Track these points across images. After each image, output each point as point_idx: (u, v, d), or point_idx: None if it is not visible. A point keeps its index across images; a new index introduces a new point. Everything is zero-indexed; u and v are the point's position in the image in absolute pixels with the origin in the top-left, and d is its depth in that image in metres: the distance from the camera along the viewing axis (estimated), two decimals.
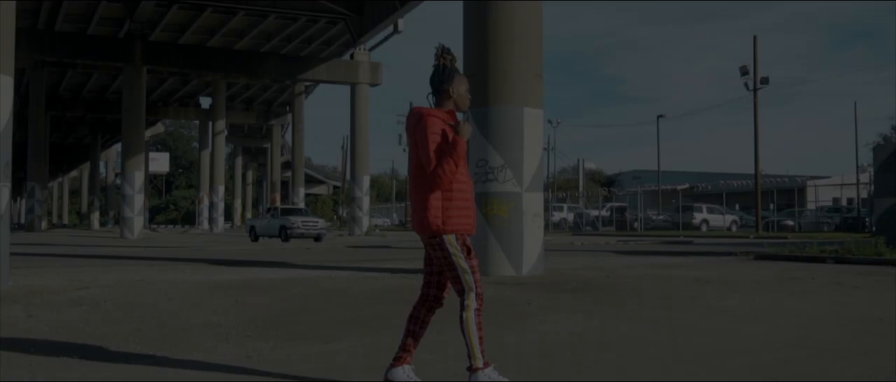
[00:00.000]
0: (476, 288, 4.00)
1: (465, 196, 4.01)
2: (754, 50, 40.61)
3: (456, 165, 3.91)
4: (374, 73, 41.21)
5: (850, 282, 10.28)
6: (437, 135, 3.93)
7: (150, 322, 6.64)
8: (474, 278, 4.00)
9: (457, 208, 3.98)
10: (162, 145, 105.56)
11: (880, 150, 16.16)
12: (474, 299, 4.00)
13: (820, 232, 37.90)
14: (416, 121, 4.03)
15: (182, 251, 21.52)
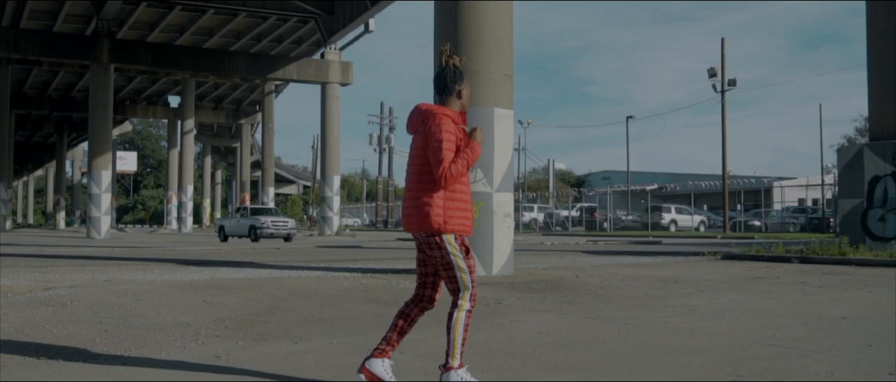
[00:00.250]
0: (471, 289, 4.02)
1: (465, 197, 4.02)
2: (722, 52, 41.08)
3: (468, 168, 3.93)
4: (345, 73, 41.09)
5: (815, 282, 10.45)
6: (450, 133, 3.93)
7: (117, 323, 6.58)
8: (471, 278, 4.02)
9: (458, 209, 3.99)
10: (130, 144, 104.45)
11: (844, 152, 16.44)
12: (468, 299, 4.02)
13: (786, 233, 38.46)
14: (425, 118, 4.01)
15: (150, 251, 21.32)
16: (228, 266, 13.88)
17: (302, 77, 41.80)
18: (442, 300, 4.20)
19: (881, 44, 15.69)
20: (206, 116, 62.25)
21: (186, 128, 53.63)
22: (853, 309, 7.49)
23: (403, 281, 10.54)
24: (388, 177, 66.16)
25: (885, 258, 13.65)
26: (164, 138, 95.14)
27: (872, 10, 15.99)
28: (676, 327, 6.41)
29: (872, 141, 15.83)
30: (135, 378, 4.49)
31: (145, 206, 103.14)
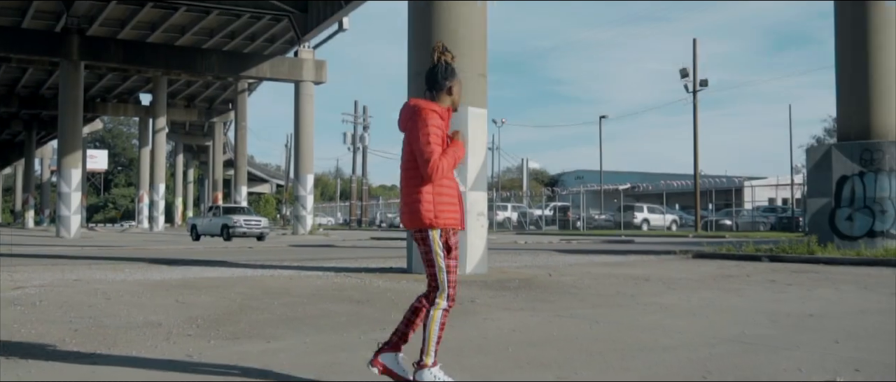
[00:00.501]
0: (448, 289, 4.03)
1: (452, 192, 4.04)
2: (694, 52, 41.44)
3: (455, 164, 3.98)
4: (319, 71, 40.94)
5: (784, 280, 10.59)
6: (437, 128, 3.95)
7: (87, 322, 6.52)
8: (449, 279, 4.02)
9: (447, 203, 4.01)
10: (100, 142, 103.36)
11: (813, 152, 16.65)
12: (445, 299, 4.03)
13: (756, 232, 38.89)
14: (412, 114, 4.03)
15: (121, 250, 21.11)
16: (200, 265, 13.79)
17: (275, 75, 41.59)
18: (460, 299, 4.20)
19: (848, 45, 15.91)
20: (178, 114, 61.76)
21: (158, 126, 53.17)
22: (821, 307, 7.60)
23: (377, 279, 10.54)
24: (361, 176, 65.98)
25: (852, 256, 13.87)
26: (135, 136, 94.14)
27: (840, 12, 16.21)
28: (648, 325, 6.47)
29: (840, 141, 16.05)
30: (105, 377, 4.45)
31: (116, 205, 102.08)
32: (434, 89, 4.11)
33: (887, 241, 14.76)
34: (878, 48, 15.58)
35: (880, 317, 6.86)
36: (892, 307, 7.65)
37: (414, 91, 11.78)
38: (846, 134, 15.96)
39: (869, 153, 15.17)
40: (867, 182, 15.10)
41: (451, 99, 4.12)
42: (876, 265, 12.94)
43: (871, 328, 6.23)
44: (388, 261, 14.70)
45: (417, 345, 4.03)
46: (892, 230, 14.89)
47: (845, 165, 15.36)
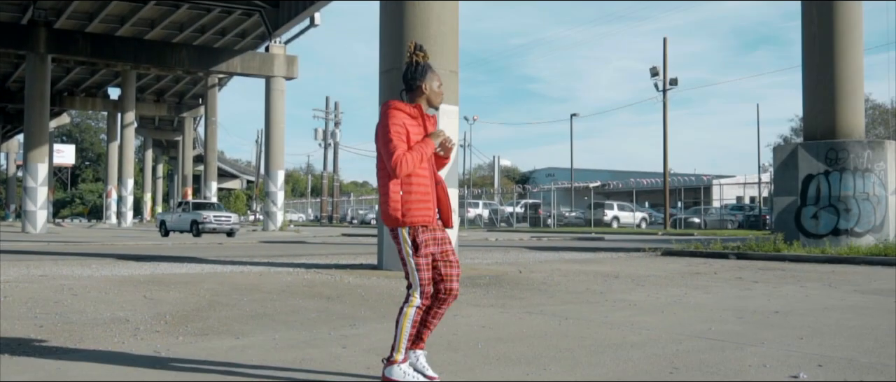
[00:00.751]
0: (422, 287, 4.01)
1: (423, 187, 4.02)
2: (664, 52, 41.78)
3: (419, 162, 3.95)
4: (290, 67, 40.70)
5: (750, 277, 10.73)
6: (398, 127, 3.96)
7: (53, 319, 6.44)
8: (420, 276, 4.00)
9: (417, 200, 3.99)
10: (67, 137, 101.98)
11: (780, 151, 16.88)
12: (419, 297, 4.02)
13: (724, 230, 39.31)
14: (380, 114, 4.08)
15: (88, 246, 20.86)
16: (169, 261, 13.67)
17: (246, 70, 41.28)
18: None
19: (815, 46, 16.14)
20: (147, 109, 61.11)
21: (127, 120, 52.60)
22: (786, 304, 7.71)
23: (347, 276, 10.52)
24: (333, 173, 65.75)
25: (817, 254, 14.08)
26: (103, 131, 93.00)
27: (807, 13, 16.43)
28: (616, 321, 6.52)
29: (806, 140, 16.28)
30: (70, 373, 4.41)
31: (84, 200, 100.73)
32: (408, 90, 4.14)
33: (852, 239, 15.01)
34: (844, 49, 15.83)
35: (844, 314, 6.98)
36: (855, 304, 7.78)
37: (384, 87, 11.77)
38: (812, 133, 16.20)
39: (834, 152, 15.41)
40: (832, 181, 15.34)
41: (424, 97, 4.13)
42: (840, 263, 13.15)
43: (835, 324, 6.33)
44: (359, 258, 14.67)
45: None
46: (856, 228, 15.14)
47: (811, 164, 15.58)
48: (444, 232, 4.14)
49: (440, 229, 4.12)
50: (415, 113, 4.08)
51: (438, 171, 4.18)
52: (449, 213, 4.18)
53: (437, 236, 4.07)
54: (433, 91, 4.13)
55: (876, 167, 15.27)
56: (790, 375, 4.38)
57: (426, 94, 4.12)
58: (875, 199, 15.22)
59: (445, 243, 4.11)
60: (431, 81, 4.13)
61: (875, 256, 13.33)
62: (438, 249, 4.07)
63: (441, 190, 4.16)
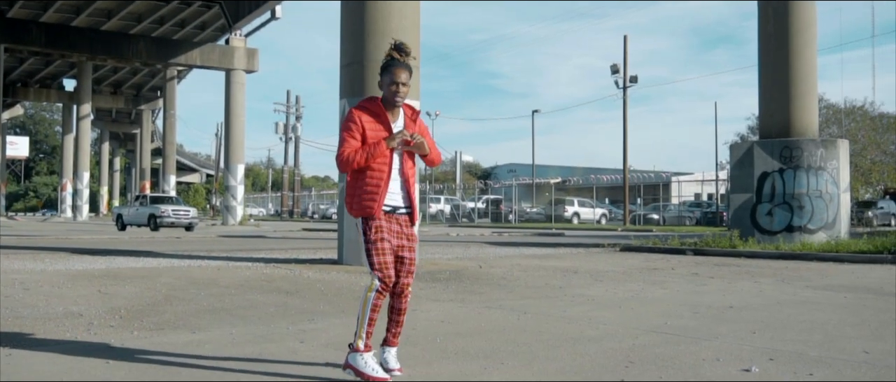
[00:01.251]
0: (376, 271, 4.07)
1: (374, 181, 4.10)
2: (624, 49, 42.14)
3: (365, 160, 4.06)
4: (251, 60, 40.33)
5: (707, 273, 10.88)
6: (352, 125, 4.11)
7: (3, 313, 6.32)
8: (372, 262, 4.07)
9: (364, 192, 4.12)
10: (21, 128, 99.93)
11: (736, 149, 17.14)
12: (376, 281, 4.07)
13: (682, 226, 39.82)
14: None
15: (42, 239, 20.48)
16: (125, 255, 13.48)
17: (205, 63, 40.81)
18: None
19: (771, 45, 16.41)
20: (104, 101, 60.11)
21: (83, 112, 51.68)
22: (740, 299, 7.84)
23: (307, 271, 10.46)
24: (294, 167, 65.30)
25: (771, 250, 14.33)
26: (58, 123, 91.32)
27: (763, 12, 16.69)
28: (574, 316, 6.57)
29: (762, 139, 16.55)
30: (20, 367, 4.32)
31: (38, 194, 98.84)
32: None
33: (805, 236, 15.30)
34: (799, 49, 16.11)
35: (796, 309, 7.11)
36: (807, 299, 7.93)
37: (345, 81, 11.70)
38: (768, 131, 16.46)
39: (788, 150, 15.68)
40: (787, 178, 15.61)
41: (382, 93, 4.22)
42: (794, 259, 13.40)
43: (787, 319, 6.45)
44: (319, 253, 14.60)
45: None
46: (809, 225, 15.43)
47: (766, 162, 15.84)
48: (405, 228, 4.20)
49: (403, 224, 4.19)
50: (377, 110, 4.18)
51: (432, 166, 4.38)
52: (409, 201, 4.25)
53: (393, 228, 4.15)
54: (385, 87, 4.19)
55: (829, 165, 15.57)
56: (742, 368, 4.46)
57: (383, 90, 4.20)
58: (828, 197, 15.53)
59: (402, 238, 4.18)
60: (384, 78, 4.19)
61: (827, 253, 13.60)
62: (395, 242, 4.14)
63: (409, 185, 4.23)
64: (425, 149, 4.18)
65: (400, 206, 4.20)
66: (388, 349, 4.27)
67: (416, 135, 4.16)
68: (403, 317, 4.29)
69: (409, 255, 4.20)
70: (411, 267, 4.23)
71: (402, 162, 4.20)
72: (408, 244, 4.19)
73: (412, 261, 4.22)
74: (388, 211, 4.17)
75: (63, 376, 4.16)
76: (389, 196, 4.15)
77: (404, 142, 4.13)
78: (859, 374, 4.37)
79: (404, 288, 4.23)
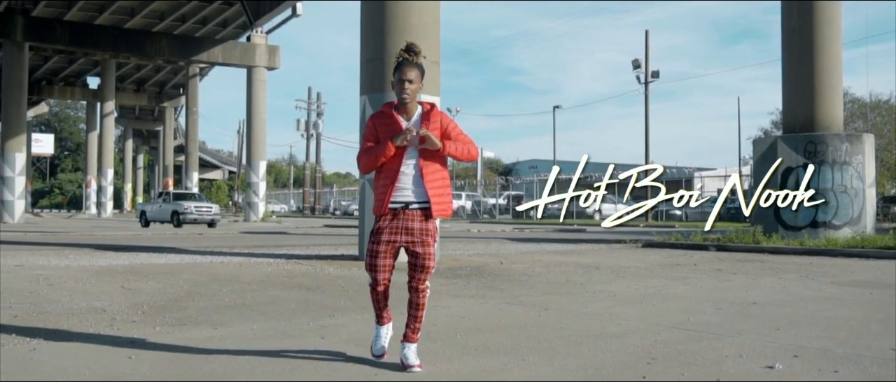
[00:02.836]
0: (367, 271, 4.29)
1: (384, 181, 4.23)
2: (646, 44, 41.88)
3: (370, 162, 4.23)
4: (272, 57, 40.44)
5: (729, 269, 10.79)
6: (367, 130, 4.32)
7: (28, 309, 6.38)
8: (368, 261, 4.27)
9: (376, 192, 4.27)
10: (46, 126, 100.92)
11: (759, 143, 16.96)
12: (369, 279, 4.33)
13: (704, 222, 39.51)
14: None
15: (67, 236, 20.68)
16: (148, 251, 13.58)
17: (227, 60, 40.97)
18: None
19: (794, 40, 16.23)
20: (127, 98, 60.52)
21: (106, 110, 52.11)
22: (764, 295, 7.76)
23: (328, 267, 10.49)
24: (315, 163, 65.51)
25: (795, 246, 14.19)
26: (82, 120, 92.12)
27: (786, 8, 16.51)
28: (595, 312, 6.54)
29: (786, 133, 16.38)
30: (43, 362, 4.36)
31: (63, 190, 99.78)
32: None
33: (829, 232, 15.13)
34: (823, 43, 15.92)
35: (820, 305, 7.03)
36: (832, 295, 7.84)
37: (366, 78, 11.71)
38: (791, 126, 16.30)
39: (813, 145, 15.51)
40: (811, 173, 15.42)
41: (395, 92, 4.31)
42: (818, 254, 13.25)
43: (811, 315, 6.38)
44: (340, 249, 14.64)
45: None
46: (834, 220, 15.26)
47: (790, 157, 15.67)
48: (417, 223, 4.22)
49: (412, 219, 4.22)
50: (387, 112, 4.31)
51: (463, 160, 4.38)
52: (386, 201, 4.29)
53: (399, 226, 4.22)
54: (396, 85, 4.27)
55: (854, 160, 15.39)
56: (766, 365, 4.41)
57: (394, 90, 4.29)
58: (853, 192, 15.34)
59: (412, 234, 4.22)
60: (395, 76, 4.28)
61: (852, 248, 13.44)
62: (402, 239, 4.22)
63: (426, 182, 4.24)
64: (434, 144, 4.17)
65: (412, 202, 4.22)
66: (407, 345, 4.28)
67: (422, 130, 4.17)
68: (421, 312, 4.31)
69: (420, 250, 4.22)
70: (424, 262, 4.24)
71: (418, 158, 4.22)
72: (416, 239, 4.21)
73: (424, 256, 4.23)
74: (399, 208, 4.22)
75: (86, 370, 4.19)
76: (399, 193, 4.21)
77: (410, 138, 4.15)
78: (886, 372, 4.31)
79: (418, 283, 4.26)
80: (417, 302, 4.29)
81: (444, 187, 4.28)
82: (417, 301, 4.29)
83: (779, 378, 4.16)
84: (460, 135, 4.31)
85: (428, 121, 4.26)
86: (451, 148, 4.24)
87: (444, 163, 4.32)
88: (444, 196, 4.27)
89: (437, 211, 4.24)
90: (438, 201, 4.24)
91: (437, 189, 4.25)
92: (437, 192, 4.24)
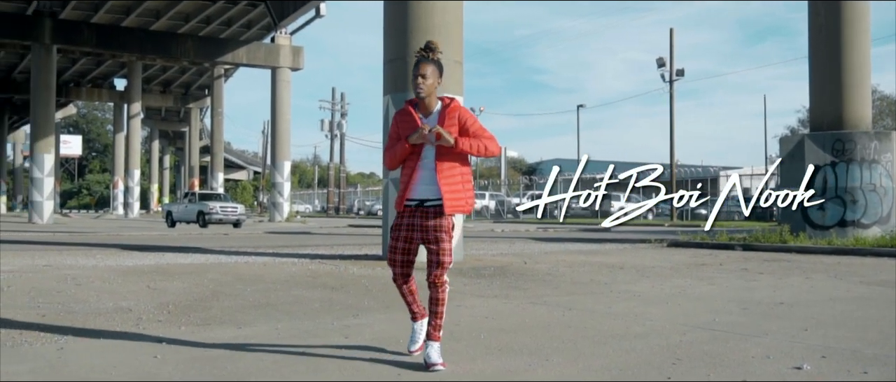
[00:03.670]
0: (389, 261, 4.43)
1: (403, 179, 4.34)
2: (671, 42, 41.60)
3: (392, 161, 4.37)
4: (296, 57, 40.64)
5: (756, 268, 10.68)
6: (392, 128, 4.42)
7: (56, 308, 6.45)
8: (389, 257, 4.41)
9: (399, 189, 4.37)
10: (74, 127, 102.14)
11: (786, 142, 16.78)
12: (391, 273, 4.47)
13: (730, 221, 39.18)
14: None
15: (94, 236, 20.90)
16: (174, 251, 13.69)
17: (252, 61, 41.24)
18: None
19: (821, 38, 16.03)
20: (153, 100, 61.08)
21: (133, 111, 52.61)
22: (791, 295, 7.67)
23: (352, 266, 10.51)
24: (339, 164, 65.73)
25: (823, 245, 14.01)
26: (109, 122, 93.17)
27: (813, 5, 16.31)
28: (620, 312, 6.49)
29: (813, 131, 16.19)
30: (70, 361, 4.40)
31: (91, 191, 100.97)
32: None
33: (858, 231, 14.93)
34: (851, 40, 15.71)
35: (849, 305, 6.94)
36: (861, 295, 7.74)
37: (388, 77, 11.72)
38: (819, 124, 16.10)
39: (841, 143, 15.32)
40: (839, 172, 15.25)
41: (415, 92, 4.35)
42: (846, 254, 13.09)
43: (840, 316, 6.30)
44: (364, 249, 14.67)
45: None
46: (862, 219, 15.06)
47: (818, 155, 15.49)
48: (431, 220, 4.27)
49: (427, 216, 4.28)
50: (406, 110, 4.38)
51: (482, 156, 4.36)
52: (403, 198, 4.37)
53: (415, 223, 4.30)
54: (412, 81, 4.34)
55: (883, 158, 15.18)
56: (794, 366, 4.35)
57: (415, 89, 4.33)
58: (882, 191, 15.13)
59: (427, 231, 4.28)
60: (412, 73, 4.33)
61: (882, 248, 13.25)
62: (421, 235, 4.31)
63: (439, 178, 4.26)
64: (447, 141, 4.20)
65: (427, 199, 4.28)
66: (431, 344, 4.30)
67: (436, 128, 4.21)
68: (441, 309, 4.33)
69: (434, 246, 4.28)
70: (439, 258, 4.27)
71: (436, 155, 4.26)
72: (431, 236, 4.26)
73: (439, 252, 4.27)
74: (415, 205, 4.30)
75: (113, 369, 4.22)
76: (415, 190, 4.30)
77: (425, 134, 4.21)
78: None
79: (435, 279, 4.30)
80: (436, 297, 4.33)
81: (459, 183, 4.30)
82: (436, 296, 4.33)
83: (807, 379, 4.10)
84: (479, 130, 4.32)
85: (446, 116, 4.29)
86: (465, 144, 4.26)
87: (462, 159, 4.33)
88: (458, 192, 4.28)
89: (450, 208, 4.25)
90: (452, 197, 4.25)
91: (452, 185, 4.26)
92: (450, 189, 4.25)
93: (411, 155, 4.29)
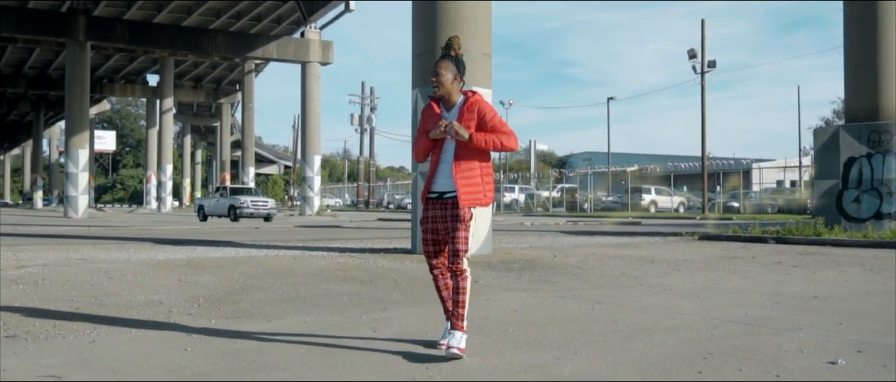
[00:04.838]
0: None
1: (428, 172, 4.47)
2: (702, 33, 41.15)
3: (418, 154, 4.51)
4: (325, 52, 40.81)
5: (789, 262, 10.53)
6: (421, 124, 4.51)
7: (89, 301, 6.52)
8: (423, 247, 4.56)
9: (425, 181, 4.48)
10: (108, 123, 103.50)
11: (820, 133, 16.53)
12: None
13: (763, 214, 38.75)
14: None
15: (127, 230, 21.17)
16: (206, 245, 13.81)
17: (282, 56, 41.49)
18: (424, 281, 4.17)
19: (857, 27, 15.75)
20: (185, 95, 61.72)
21: (165, 107, 53.18)
22: (825, 289, 7.55)
23: (380, 260, 10.53)
24: (369, 158, 65.95)
25: (858, 238, 13.79)
26: (142, 117, 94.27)
27: None
28: (650, 306, 6.43)
29: (848, 123, 15.92)
30: (101, 354, 4.45)
31: (124, 186, 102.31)
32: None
33: (894, 223, 14.67)
34: (887, 29, 15.41)
35: (885, 299, 6.82)
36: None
37: (417, 71, 11.72)
38: (854, 115, 15.83)
39: (877, 134, 15.05)
40: (875, 163, 14.98)
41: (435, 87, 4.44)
42: (883, 247, 12.86)
43: (876, 310, 6.18)
44: (393, 242, 14.69)
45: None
46: None
47: (853, 147, 15.24)
48: (449, 211, 4.37)
49: (445, 207, 4.38)
50: (429, 105, 4.50)
51: (499, 151, 4.45)
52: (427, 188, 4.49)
53: (437, 214, 4.42)
54: (434, 75, 4.41)
55: None
56: (828, 361, 4.28)
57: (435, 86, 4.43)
58: None
59: (446, 221, 4.38)
60: (435, 67, 4.41)
61: None
62: (442, 226, 4.40)
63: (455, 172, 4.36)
64: (461, 136, 4.28)
65: (446, 191, 4.39)
66: (452, 332, 4.36)
67: (452, 123, 4.30)
68: (461, 297, 4.38)
69: (451, 235, 4.36)
70: (454, 247, 4.35)
71: (455, 149, 4.37)
72: (449, 226, 4.37)
73: (455, 241, 4.35)
74: (436, 198, 4.42)
75: (144, 362, 4.26)
76: (437, 182, 4.42)
77: (444, 129, 4.31)
78: None
79: (453, 267, 4.38)
80: (456, 286, 4.39)
81: (475, 176, 4.36)
82: (456, 285, 4.39)
83: (842, 374, 4.03)
84: (498, 125, 4.38)
85: (465, 111, 4.38)
86: (480, 140, 4.34)
87: (481, 153, 4.39)
88: (476, 186, 4.35)
89: (464, 201, 4.32)
90: (468, 191, 4.33)
91: (468, 179, 4.34)
92: (466, 183, 4.33)
93: (434, 148, 4.45)
